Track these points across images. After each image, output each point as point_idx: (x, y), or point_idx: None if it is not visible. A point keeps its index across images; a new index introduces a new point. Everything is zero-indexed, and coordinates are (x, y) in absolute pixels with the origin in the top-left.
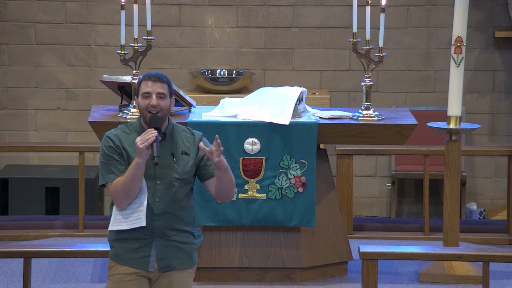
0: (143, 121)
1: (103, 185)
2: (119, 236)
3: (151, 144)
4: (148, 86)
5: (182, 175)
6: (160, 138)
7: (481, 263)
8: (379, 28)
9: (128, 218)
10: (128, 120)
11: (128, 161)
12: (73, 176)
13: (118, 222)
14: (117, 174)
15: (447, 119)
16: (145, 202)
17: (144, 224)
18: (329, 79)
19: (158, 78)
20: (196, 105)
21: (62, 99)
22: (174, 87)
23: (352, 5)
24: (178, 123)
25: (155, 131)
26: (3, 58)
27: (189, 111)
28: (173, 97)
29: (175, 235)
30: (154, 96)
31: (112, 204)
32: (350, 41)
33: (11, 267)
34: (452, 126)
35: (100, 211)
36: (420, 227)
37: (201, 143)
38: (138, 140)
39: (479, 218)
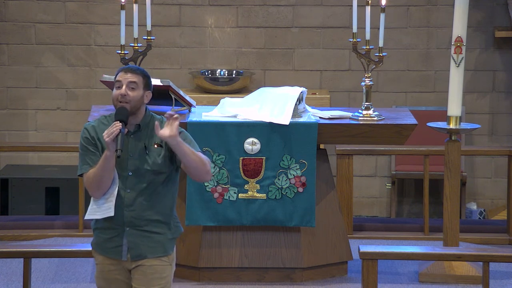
0: None
1: (81, 175)
2: (96, 226)
3: (116, 137)
4: (120, 76)
5: (153, 167)
6: (125, 130)
7: (481, 263)
8: (379, 28)
9: (101, 208)
10: None
11: (103, 152)
12: (73, 176)
13: (93, 211)
14: (91, 165)
15: (447, 119)
16: (115, 193)
17: (112, 214)
18: (329, 79)
19: (131, 70)
20: (196, 105)
21: (62, 99)
22: (174, 87)
23: (352, 5)
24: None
25: (119, 124)
26: (3, 58)
27: (189, 111)
28: (149, 91)
29: (146, 225)
30: (124, 86)
31: None
32: (350, 41)
33: (11, 267)
34: (452, 126)
35: None
36: (420, 227)
37: (156, 123)
38: (105, 133)
39: (479, 218)
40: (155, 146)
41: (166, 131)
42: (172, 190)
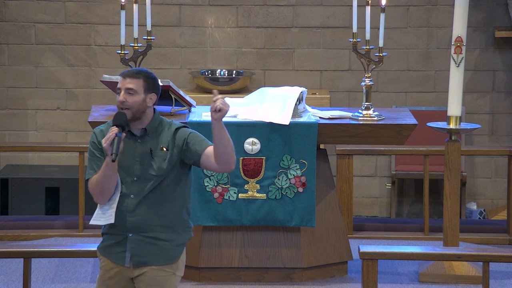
0: None
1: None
2: (104, 231)
3: (112, 141)
4: (120, 82)
5: (158, 172)
6: (122, 135)
7: (481, 263)
8: (379, 28)
9: (105, 214)
10: None
11: None
12: (73, 176)
13: (98, 217)
14: (96, 170)
15: (447, 119)
16: (117, 199)
17: (113, 221)
18: (329, 79)
19: (130, 74)
20: (196, 105)
21: (62, 99)
22: (174, 87)
23: (352, 5)
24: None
25: (116, 128)
26: (3, 58)
27: (189, 111)
28: (153, 93)
29: (151, 231)
30: (122, 92)
31: None
32: (350, 41)
33: (11, 267)
34: (452, 126)
35: None
36: (420, 227)
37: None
38: (103, 139)
39: (479, 218)
40: (164, 149)
41: (213, 107)
42: (182, 194)
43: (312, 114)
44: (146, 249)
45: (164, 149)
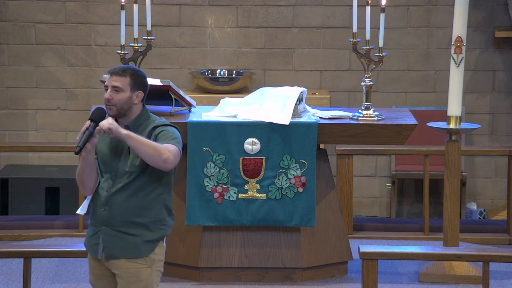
0: None
1: None
2: (89, 222)
3: (82, 134)
4: (107, 79)
5: (131, 168)
6: (92, 130)
7: (481, 263)
8: (379, 28)
9: (83, 204)
10: None
11: (96, 151)
12: (73, 176)
13: (82, 207)
14: None
15: (447, 119)
16: (91, 192)
17: (81, 213)
18: (329, 79)
19: (116, 72)
20: (196, 105)
21: (62, 99)
22: (174, 87)
23: (352, 5)
24: (178, 123)
25: (89, 122)
26: (3, 58)
27: (189, 111)
28: (139, 91)
29: (121, 226)
30: (109, 90)
31: None
32: (350, 41)
33: (11, 267)
34: (452, 126)
35: None
36: (420, 227)
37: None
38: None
39: (479, 218)
40: None
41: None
42: (158, 191)
43: (312, 114)
44: (116, 243)
45: None
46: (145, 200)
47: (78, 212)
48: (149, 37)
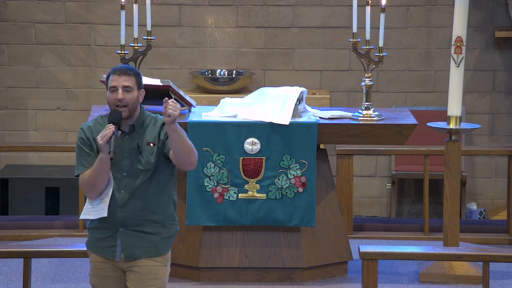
0: None
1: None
2: (91, 225)
3: (109, 139)
4: (114, 80)
5: (146, 166)
6: (118, 133)
7: (481, 263)
8: (379, 28)
9: (96, 208)
10: None
11: (98, 153)
12: (73, 176)
13: (88, 211)
14: (87, 166)
15: (447, 119)
16: (110, 193)
17: (105, 215)
18: (329, 79)
19: (124, 71)
20: (196, 105)
21: (62, 99)
22: (174, 87)
23: (352, 5)
24: (178, 123)
25: (113, 126)
26: (3, 58)
27: (189, 111)
28: (142, 89)
29: (139, 225)
30: (120, 90)
31: None
32: (350, 41)
33: (11, 267)
34: (452, 126)
35: None
36: (420, 227)
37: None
38: (99, 136)
39: (479, 218)
40: (151, 144)
41: (165, 113)
42: (168, 187)
43: (312, 114)
44: (136, 243)
45: (151, 144)
46: (159, 197)
47: (88, 217)
48: (149, 37)
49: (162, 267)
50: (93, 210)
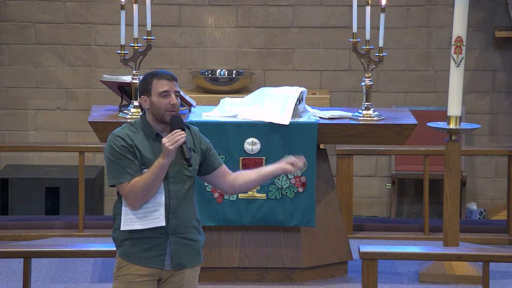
0: (151, 120)
1: (113, 185)
2: (131, 236)
3: (181, 146)
4: (166, 85)
5: (193, 172)
6: (185, 139)
7: (481, 263)
8: (379, 28)
9: (143, 218)
10: (128, 120)
11: (142, 160)
12: (73, 176)
13: (131, 222)
14: (133, 174)
15: (447, 119)
16: (162, 201)
17: (163, 224)
18: (329, 79)
19: (173, 77)
20: (196, 105)
21: (62, 99)
22: None
23: (352, 5)
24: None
25: (183, 132)
26: (3, 58)
27: (189, 111)
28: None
29: (186, 233)
30: (173, 95)
31: (116, 203)
32: (350, 41)
33: (11, 267)
34: (452, 126)
35: (100, 211)
36: (420, 227)
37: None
38: (166, 141)
39: (479, 218)
40: (193, 151)
41: (292, 168)
42: (194, 193)
43: (312, 114)
44: (184, 251)
45: (193, 150)
46: (195, 204)
47: (132, 227)
48: (149, 37)
49: (197, 276)
50: (138, 221)
